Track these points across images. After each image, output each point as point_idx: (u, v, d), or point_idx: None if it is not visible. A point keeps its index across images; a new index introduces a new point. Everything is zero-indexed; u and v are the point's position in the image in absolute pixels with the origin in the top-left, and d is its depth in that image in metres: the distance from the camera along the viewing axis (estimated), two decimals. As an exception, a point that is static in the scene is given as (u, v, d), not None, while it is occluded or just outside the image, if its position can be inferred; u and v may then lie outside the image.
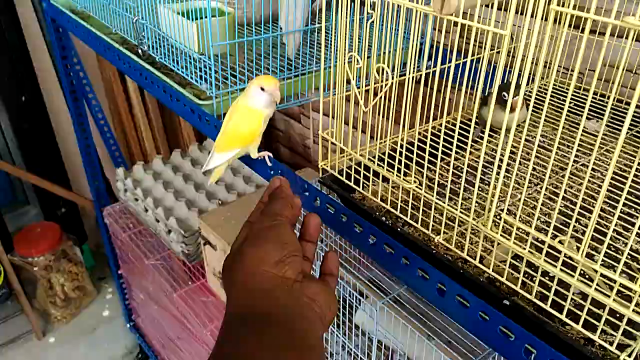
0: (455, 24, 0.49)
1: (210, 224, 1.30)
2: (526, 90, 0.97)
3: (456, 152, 0.79)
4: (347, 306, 1.05)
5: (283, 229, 0.48)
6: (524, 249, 0.51)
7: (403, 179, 0.60)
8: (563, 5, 0.42)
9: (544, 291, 0.52)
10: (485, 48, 0.46)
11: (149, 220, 1.55)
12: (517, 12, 0.43)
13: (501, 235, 0.52)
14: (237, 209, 1.35)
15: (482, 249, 0.56)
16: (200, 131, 1.02)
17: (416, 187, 0.59)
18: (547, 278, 0.53)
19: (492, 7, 0.42)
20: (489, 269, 0.56)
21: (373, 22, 0.55)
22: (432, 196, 0.58)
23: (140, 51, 1.06)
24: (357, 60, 0.58)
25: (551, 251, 0.50)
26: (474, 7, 0.47)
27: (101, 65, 2.01)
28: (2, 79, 1.97)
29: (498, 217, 0.63)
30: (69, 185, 2.23)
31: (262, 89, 0.70)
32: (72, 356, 2.02)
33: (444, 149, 0.69)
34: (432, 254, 0.60)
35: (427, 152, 0.63)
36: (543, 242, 0.49)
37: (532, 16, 0.42)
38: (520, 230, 0.53)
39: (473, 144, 0.83)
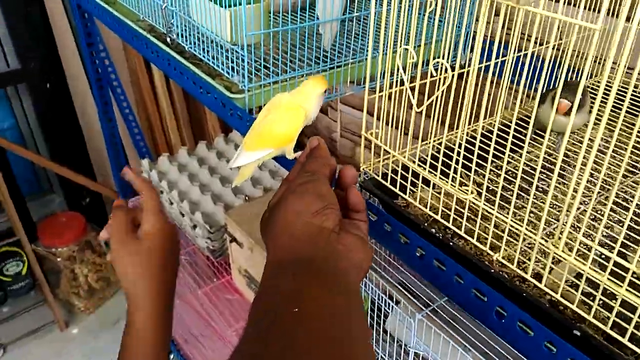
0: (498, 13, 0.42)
1: (237, 220, 1.25)
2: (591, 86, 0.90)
3: (508, 156, 0.72)
4: (380, 312, 0.99)
5: (321, 183, 0.50)
6: (600, 273, 0.45)
7: (458, 189, 0.54)
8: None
9: (619, 320, 0.46)
10: (569, 42, 0.39)
11: (174, 213, 1.51)
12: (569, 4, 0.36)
13: (575, 258, 0.46)
14: (264, 205, 1.29)
15: (541, 267, 0.50)
16: (231, 126, 0.96)
17: (474, 198, 0.53)
18: (613, 301, 0.47)
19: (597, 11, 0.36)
20: (554, 291, 0.50)
21: (431, 12, 0.49)
22: (493, 209, 0.52)
23: (168, 39, 1.01)
24: (413, 55, 0.52)
25: (628, 276, 0.44)
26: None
27: (127, 52, 1.97)
28: (27, 66, 1.95)
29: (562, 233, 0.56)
30: (94, 175, 2.21)
31: (325, 91, 0.62)
32: (95, 347, 2.00)
33: (497, 152, 0.63)
34: (488, 273, 0.53)
35: (489, 158, 0.57)
36: (618, 265, 0.43)
37: (628, 19, 0.35)
38: (596, 252, 0.46)
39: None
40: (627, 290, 0.43)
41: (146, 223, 0.58)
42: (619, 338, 0.45)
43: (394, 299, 0.95)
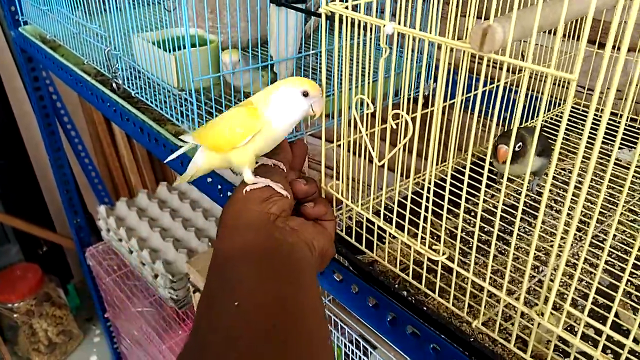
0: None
1: (200, 269, 1.17)
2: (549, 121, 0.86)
3: (478, 200, 0.67)
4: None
5: (273, 174, 0.50)
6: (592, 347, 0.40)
7: (428, 249, 0.48)
8: None
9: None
10: (543, 92, 0.34)
11: (134, 262, 1.43)
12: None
13: (562, 328, 0.40)
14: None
15: (534, 337, 0.45)
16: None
17: (446, 259, 0.48)
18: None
19: (554, 34, 0.31)
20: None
21: (387, 57, 0.44)
22: (468, 272, 0.46)
23: (114, 84, 0.95)
24: (368, 105, 0.47)
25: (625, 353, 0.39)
26: (527, 37, 0.36)
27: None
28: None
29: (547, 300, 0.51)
30: (51, 222, 2.10)
31: (306, 94, 0.49)
32: (58, 406, 1.88)
33: (467, 196, 0.58)
34: (467, 342, 0.48)
35: (461, 212, 0.52)
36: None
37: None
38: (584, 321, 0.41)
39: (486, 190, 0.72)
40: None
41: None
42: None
43: (363, 346, 0.89)
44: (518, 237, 0.61)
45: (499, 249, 0.61)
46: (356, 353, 0.86)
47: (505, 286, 0.44)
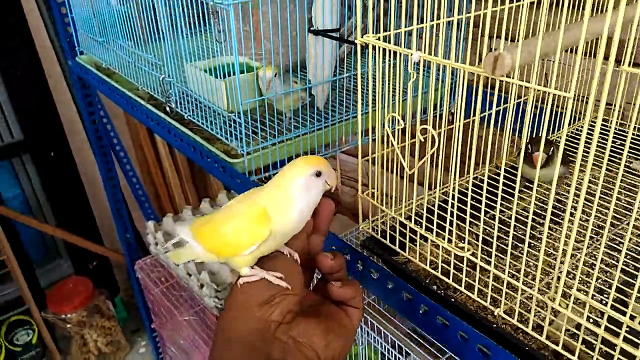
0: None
1: (244, 278, 1.25)
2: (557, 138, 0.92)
3: (502, 206, 0.74)
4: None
5: (279, 261, 0.44)
6: (597, 325, 0.46)
7: (455, 246, 0.55)
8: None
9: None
10: (544, 111, 0.41)
11: (181, 273, 1.52)
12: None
13: (574, 307, 0.46)
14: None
15: (542, 318, 0.51)
16: (232, 189, 0.98)
17: (471, 255, 0.54)
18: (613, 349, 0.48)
19: (575, 53, 0.38)
20: (555, 343, 0.50)
21: (415, 80, 0.51)
22: (490, 266, 0.53)
23: (167, 108, 1.04)
24: (399, 121, 0.54)
25: (622, 332, 0.45)
26: (532, 62, 0.43)
27: (128, 116, 2.02)
28: (30, 136, 1.99)
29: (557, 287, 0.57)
30: (100, 237, 2.22)
31: (319, 174, 0.44)
32: (107, 413, 1.98)
33: (491, 203, 0.64)
34: (491, 329, 0.54)
35: (481, 215, 0.58)
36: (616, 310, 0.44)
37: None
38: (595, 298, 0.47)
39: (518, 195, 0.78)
40: (624, 342, 0.44)
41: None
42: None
43: (398, 349, 0.94)
44: (538, 239, 0.67)
45: (521, 251, 0.67)
46: (391, 352, 0.92)
47: (522, 278, 0.51)
